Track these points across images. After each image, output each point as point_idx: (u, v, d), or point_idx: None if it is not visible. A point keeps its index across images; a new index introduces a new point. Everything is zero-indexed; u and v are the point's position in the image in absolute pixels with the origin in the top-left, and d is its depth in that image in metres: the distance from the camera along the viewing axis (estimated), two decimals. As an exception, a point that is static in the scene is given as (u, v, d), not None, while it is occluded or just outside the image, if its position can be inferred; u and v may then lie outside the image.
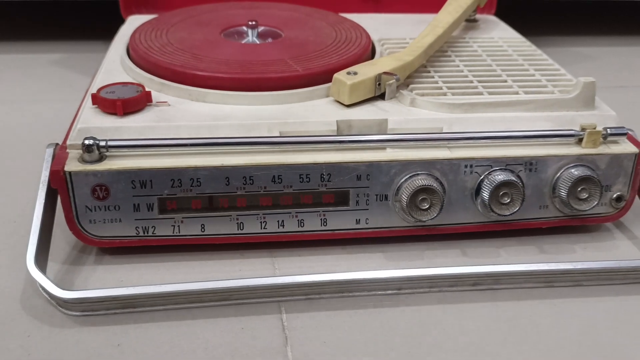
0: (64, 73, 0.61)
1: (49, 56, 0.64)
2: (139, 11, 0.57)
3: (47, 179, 0.34)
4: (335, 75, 0.38)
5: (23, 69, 0.62)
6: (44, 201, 0.33)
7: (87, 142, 0.33)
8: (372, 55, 0.45)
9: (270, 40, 0.45)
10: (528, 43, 0.49)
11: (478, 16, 0.55)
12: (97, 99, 0.36)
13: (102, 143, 0.33)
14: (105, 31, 0.67)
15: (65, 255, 0.35)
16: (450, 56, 0.46)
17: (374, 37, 0.49)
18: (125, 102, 0.35)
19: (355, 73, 0.38)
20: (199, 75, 0.38)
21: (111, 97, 0.36)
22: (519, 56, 0.46)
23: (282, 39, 0.45)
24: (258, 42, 0.45)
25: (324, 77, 0.39)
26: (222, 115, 0.37)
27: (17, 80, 0.59)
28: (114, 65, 0.43)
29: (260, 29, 0.46)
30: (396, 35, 0.50)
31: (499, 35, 0.51)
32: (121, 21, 0.56)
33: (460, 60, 0.45)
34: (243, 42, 0.45)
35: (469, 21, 0.54)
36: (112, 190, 0.34)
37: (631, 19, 0.80)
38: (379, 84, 0.38)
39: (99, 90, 0.37)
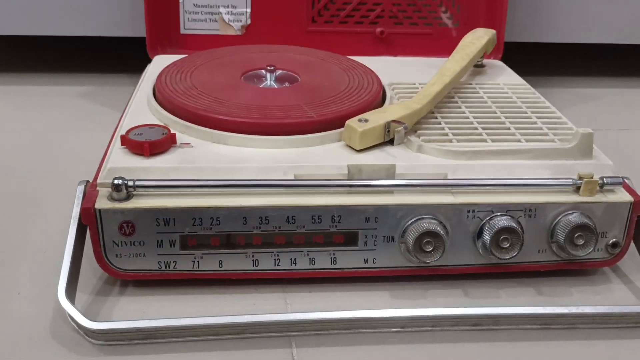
0: (91, 106, 0.64)
1: (77, 89, 0.67)
2: (163, 50, 0.61)
3: (78, 214, 0.36)
4: (348, 122, 0.41)
5: (52, 99, 0.65)
6: (74, 236, 0.36)
7: (116, 181, 0.36)
8: (382, 99, 0.48)
9: (287, 84, 0.48)
10: (532, 90, 0.52)
11: (485, 61, 0.58)
12: (125, 140, 0.39)
13: (130, 183, 0.36)
14: (130, 65, 0.71)
15: (92, 286, 0.38)
16: (456, 102, 0.48)
17: (385, 81, 0.51)
18: (151, 144, 0.38)
19: (366, 120, 0.41)
20: (220, 120, 0.41)
21: (139, 139, 0.38)
22: (523, 103, 0.49)
23: (298, 83, 0.48)
24: (276, 86, 0.48)
25: (337, 122, 0.42)
26: (241, 158, 0.39)
27: (47, 112, 0.62)
28: (141, 105, 0.46)
29: (278, 72, 0.49)
30: (406, 80, 0.52)
31: (504, 81, 0.54)
32: (145, 55, 0.60)
33: (466, 107, 0.47)
34: (262, 85, 0.48)
35: (477, 66, 0.56)
36: (137, 227, 0.36)
37: (634, 61, 0.82)
38: (388, 131, 0.41)
39: (128, 132, 0.40)
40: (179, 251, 0.37)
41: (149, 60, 0.59)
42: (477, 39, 0.53)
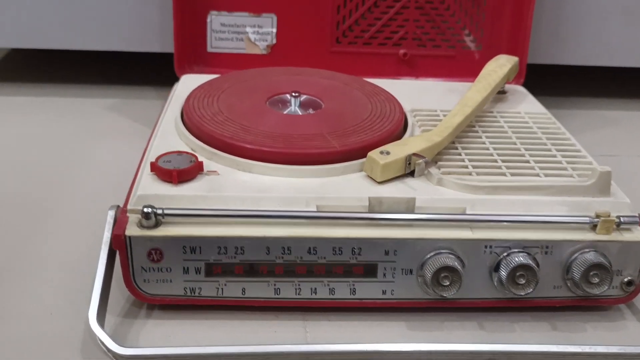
0: (119, 119, 0.66)
1: (105, 101, 0.69)
2: (190, 68, 0.62)
3: (109, 240, 0.38)
4: (370, 154, 0.42)
5: (82, 113, 0.67)
6: (105, 261, 0.38)
7: (145, 210, 0.37)
8: (404, 127, 0.49)
9: (311, 110, 0.49)
10: (552, 120, 0.52)
11: (507, 87, 0.58)
12: (155, 167, 0.40)
13: (159, 211, 0.38)
14: (157, 79, 0.73)
15: (119, 308, 0.39)
16: (477, 131, 0.49)
17: (407, 107, 0.52)
18: (180, 173, 0.40)
19: (387, 153, 0.42)
20: (246, 148, 0.42)
21: (167, 167, 0.40)
22: (543, 134, 0.49)
23: (322, 110, 0.49)
24: (300, 113, 0.49)
25: (359, 152, 0.43)
26: (266, 187, 0.40)
27: (77, 123, 0.64)
28: (169, 128, 0.47)
29: (303, 97, 0.50)
30: (427, 106, 0.53)
31: (526, 109, 0.54)
32: (171, 69, 0.61)
33: (487, 137, 0.48)
34: (286, 111, 0.49)
35: (498, 92, 0.57)
36: (165, 254, 0.38)
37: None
38: (409, 163, 0.42)
39: (157, 158, 0.41)
40: (204, 278, 0.38)
41: (175, 74, 0.61)
42: (500, 67, 0.54)
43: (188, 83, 0.56)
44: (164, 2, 0.65)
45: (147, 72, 0.76)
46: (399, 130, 0.47)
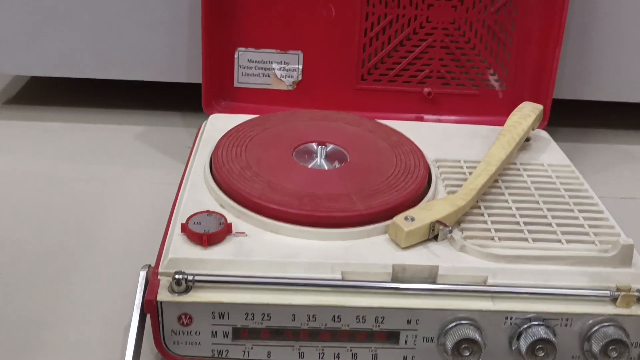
0: (146, 148, 0.67)
1: (132, 128, 0.70)
2: (217, 103, 0.63)
3: (140, 303, 0.39)
4: (394, 220, 0.42)
5: (109, 141, 0.68)
6: (137, 323, 0.39)
7: (177, 276, 0.39)
8: (428, 181, 0.49)
9: (336, 164, 0.50)
10: (576, 174, 0.52)
11: (530, 132, 0.58)
12: (185, 229, 0.42)
13: (190, 277, 0.39)
14: (183, 107, 0.74)
15: (150, 365, 0.41)
16: (500, 187, 0.50)
17: (430, 155, 0.53)
18: (210, 237, 0.41)
19: (412, 219, 0.42)
20: (273, 209, 0.43)
21: (197, 230, 0.41)
22: (566, 191, 0.50)
23: (347, 164, 0.50)
24: (325, 167, 0.50)
25: (384, 215, 0.44)
26: (292, 251, 0.41)
27: (104, 155, 0.66)
28: (198, 180, 0.48)
29: (328, 148, 0.51)
30: (451, 156, 0.54)
31: (549, 160, 0.54)
32: (197, 97, 0.62)
33: (510, 194, 0.49)
34: (312, 164, 0.50)
35: (522, 140, 0.57)
36: (195, 318, 0.39)
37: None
38: (433, 229, 0.43)
39: (188, 220, 0.42)
40: (231, 341, 0.40)
41: (200, 101, 0.62)
42: (524, 117, 0.54)
43: (216, 124, 0.57)
44: (192, 34, 0.66)
45: (174, 98, 0.77)
46: (423, 188, 0.48)
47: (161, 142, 0.69)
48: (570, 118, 0.77)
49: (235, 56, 0.63)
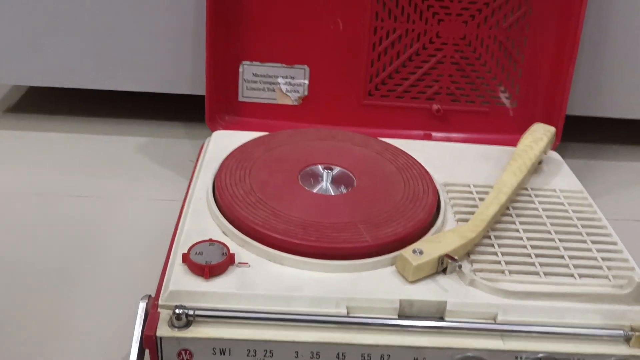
0: (149, 161, 0.66)
1: (135, 140, 0.69)
2: (221, 118, 0.62)
3: (139, 337, 0.38)
4: (402, 253, 0.41)
5: (112, 153, 0.67)
6: (136, 356, 0.38)
7: (177, 311, 0.37)
8: (437, 207, 0.48)
9: (342, 189, 0.48)
10: (589, 201, 0.51)
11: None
12: (186, 259, 0.41)
13: (190, 312, 0.38)
14: (185, 117, 0.73)
15: (149, 399, 0.40)
16: (511, 215, 0.48)
17: (439, 179, 0.52)
18: (211, 269, 0.40)
19: (420, 252, 0.41)
20: (277, 239, 0.42)
21: (199, 262, 0.40)
22: (579, 220, 0.48)
23: (354, 190, 0.48)
24: (332, 191, 0.48)
25: (391, 246, 0.43)
26: (296, 283, 0.40)
27: (107, 168, 0.64)
28: (201, 206, 0.47)
29: (335, 171, 0.50)
30: (460, 179, 0.52)
31: (561, 185, 0.53)
32: (198, 106, 0.61)
33: (521, 223, 0.47)
34: (317, 189, 0.48)
35: (533, 162, 0.56)
36: (195, 354, 0.38)
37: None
38: (442, 262, 0.42)
39: (189, 249, 0.41)
40: (232, 377, 0.39)
41: (203, 111, 0.60)
42: (536, 141, 0.53)
43: (219, 142, 0.56)
44: (196, 46, 0.65)
45: (177, 108, 0.76)
46: (432, 216, 0.46)
47: (164, 155, 0.68)
48: (582, 133, 0.76)
49: (240, 70, 0.62)
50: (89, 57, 0.66)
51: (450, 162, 0.56)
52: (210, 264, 0.40)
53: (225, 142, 0.56)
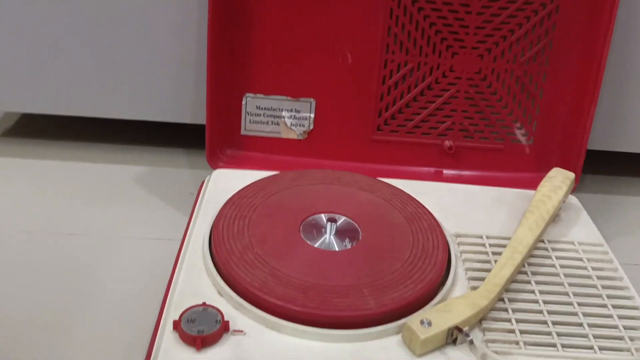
0: (146, 195, 0.63)
1: (134, 169, 0.66)
2: (223, 153, 0.59)
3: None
4: (409, 324, 0.38)
5: (109, 183, 0.64)
6: None
7: (166, 388, 0.35)
8: (448, 263, 0.45)
9: (347, 243, 0.46)
10: (610, 256, 0.48)
11: (560, 199, 0.54)
12: (177, 327, 0.38)
13: (180, 390, 0.35)
14: (187, 144, 0.70)
15: None
16: (527, 274, 0.45)
17: (450, 229, 0.49)
18: (204, 340, 0.37)
19: (429, 323, 0.38)
20: (276, 305, 0.39)
21: (191, 332, 0.37)
22: (598, 279, 0.45)
23: (359, 244, 0.45)
24: (335, 246, 0.45)
25: (397, 313, 0.40)
26: (295, 355, 0.37)
27: (103, 201, 0.61)
28: (196, 260, 0.44)
29: (340, 221, 0.47)
30: (472, 229, 0.49)
31: (579, 237, 0.50)
32: (200, 132, 0.59)
33: (536, 283, 0.44)
34: (320, 242, 0.45)
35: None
36: None
37: None
38: (452, 334, 0.39)
39: (181, 316, 0.38)
40: None
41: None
42: (554, 190, 0.49)
43: (219, 184, 0.53)
44: (198, 74, 0.62)
45: (178, 135, 0.73)
46: (442, 277, 0.44)
47: (163, 186, 0.65)
48: (600, 165, 0.72)
49: (243, 102, 0.59)
50: (88, 84, 0.63)
51: (462, 207, 0.53)
52: (203, 334, 0.37)
53: (225, 182, 0.53)
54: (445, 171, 0.61)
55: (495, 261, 0.46)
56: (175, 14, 0.60)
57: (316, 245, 0.45)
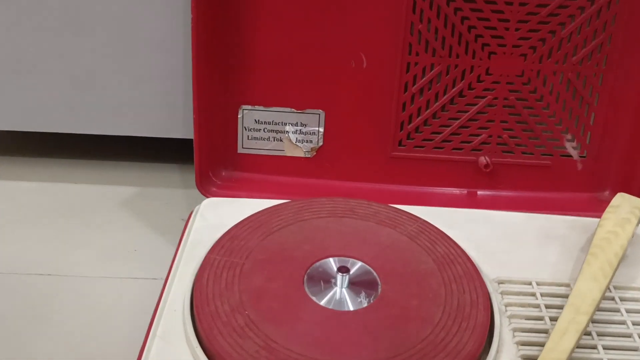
0: (133, 223, 0.54)
1: (124, 190, 0.58)
2: (216, 175, 0.50)
3: None
4: (444, 420, 0.30)
5: (92, 208, 0.56)
6: None
7: None
8: (491, 320, 0.36)
9: (362, 299, 0.36)
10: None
11: (623, 229, 0.44)
12: None
13: None
14: (181, 158, 0.62)
15: None
16: (591, 336, 0.36)
17: (490, 273, 0.39)
18: None
19: (470, 420, 0.30)
20: (270, 393, 0.31)
21: None
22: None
23: (378, 301, 0.36)
24: (349, 304, 0.36)
25: (428, 401, 0.31)
26: None
27: (84, 231, 0.53)
28: (175, 322, 0.35)
29: (353, 269, 0.38)
30: (519, 273, 0.40)
31: (656, 283, 0.40)
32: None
33: (604, 349, 0.35)
34: (328, 299, 0.36)
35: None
36: None
37: None
38: None
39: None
40: None
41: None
42: (621, 225, 0.40)
43: (209, 217, 0.44)
44: (188, 85, 0.53)
45: (171, 149, 0.64)
46: (483, 344, 0.34)
47: (152, 211, 0.56)
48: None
49: (239, 116, 0.50)
50: (69, 100, 0.55)
51: (503, 243, 0.43)
52: None
53: (216, 215, 0.44)
54: (479, 192, 0.51)
55: (550, 318, 0.36)
56: (160, 18, 0.52)
57: (323, 303, 0.36)
